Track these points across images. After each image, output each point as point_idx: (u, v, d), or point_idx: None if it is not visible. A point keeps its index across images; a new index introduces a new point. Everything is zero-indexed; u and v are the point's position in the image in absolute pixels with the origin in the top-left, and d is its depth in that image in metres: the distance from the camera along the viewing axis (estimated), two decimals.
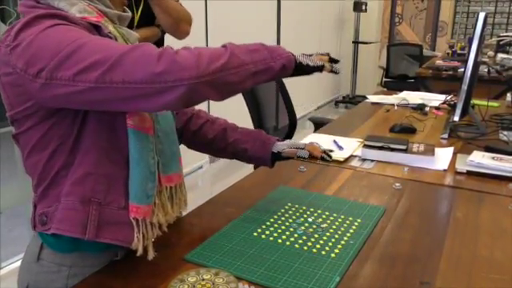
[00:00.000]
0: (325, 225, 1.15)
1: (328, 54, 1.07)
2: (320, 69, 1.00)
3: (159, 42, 1.89)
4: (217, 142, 1.22)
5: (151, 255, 0.95)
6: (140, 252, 0.93)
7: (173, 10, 1.76)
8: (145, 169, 0.93)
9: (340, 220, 1.17)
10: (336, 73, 1.03)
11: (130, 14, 1.03)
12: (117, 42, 0.86)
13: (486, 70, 3.26)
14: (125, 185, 0.92)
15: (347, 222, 1.17)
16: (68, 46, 0.79)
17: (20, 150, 0.96)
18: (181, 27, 1.82)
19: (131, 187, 0.92)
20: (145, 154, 0.93)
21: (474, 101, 2.24)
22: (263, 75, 0.91)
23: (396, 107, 2.48)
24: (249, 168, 2.40)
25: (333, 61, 1.05)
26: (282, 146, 1.20)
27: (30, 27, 0.83)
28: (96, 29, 0.90)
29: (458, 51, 4.93)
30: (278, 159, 1.22)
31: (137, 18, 1.77)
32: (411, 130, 1.99)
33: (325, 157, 1.20)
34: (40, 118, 0.88)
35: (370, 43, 6.66)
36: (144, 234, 0.94)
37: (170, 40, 1.91)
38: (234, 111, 3.22)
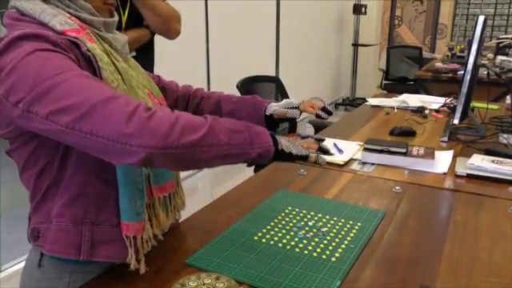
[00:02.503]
0: (325, 229, 1.15)
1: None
2: (304, 158, 0.94)
3: (149, 44, 1.88)
4: (215, 115, 1.20)
5: (142, 270, 0.95)
6: (133, 267, 0.93)
7: (160, 9, 1.74)
8: (132, 188, 0.92)
9: (340, 224, 1.18)
10: (320, 165, 0.97)
11: (116, 18, 1.01)
12: (96, 83, 0.82)
13: (485, 72, 3.26)
14: (116, 203, 0.92)
15: (347, 225, 1.17)
16: (46, 81, 0.78)
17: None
18: (171, 27, 1.80)
19: (120, 206, 0.92)
20: (131, 173, 0.91)
21: (474, 103, 2.24)
22: (235, 159, 0.87)
23: (396, 110, 2.48)
24: (249, 171, 2.40)
25: (321, 140, 1.00)
26: (274, 107, 1.14)
27: (9, 51, 0.81)
28: (75, 45, 0.87)
29: (458, 53, 4.93)
30: (273, 123, 1.16)
31: (124, 19, 1.74)
32: (411, 133, 1.99)
33: (320, 114, 1.09)
34: (26, 139, 0.89)
35: (370, 45, 6.67)
36: (138, 248, 0.94)
37: (166, 41, 1.91)
38: None
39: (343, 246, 1.06)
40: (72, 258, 0.91)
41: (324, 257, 1.02)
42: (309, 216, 1.22)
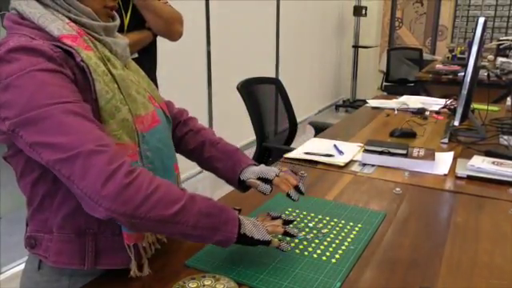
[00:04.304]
0: (325, 230, 1.15)
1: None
2: (266, 244, 0.94)
3: (151, 46, 1.87)
4: (195, 154, 1.19)
5: (146, 272, 0.95)
6: (133, 274, 0.93)
7: (162, 11, 1.74)
8: None
9: (340, 225, 1.18)
10: (282, 250, 0.97)
11: (117, 22, 1.00)
12: (85, 124, 0.81)
13: (485, 74, 3.26)
14: None
15: (348, 227, 1.17)
16: (36, 109, 0.78)
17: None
18: (173, 28, 1.80)
19: None
20: None
21: (474, 105, 2.24)
22: (195, 239, 0.89)
23: (396, 112, 2.48)
24: None
25: (289, 222, 1.01)
26: (249, 173, 1.12)
27: (3, 64, 0.81)
28: (70, 55, 0.87)
29: (458, 55, 4.93)
30: (246, 186, 1.15)
31: (126, 22, 1.74)
32: (411, 135, 1.99)
33: (291, 194, 1.08)
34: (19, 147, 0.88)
35: (370, 47, 6.68)
36: (141, 254, 0.95)
37: (167, 42, 1.91)
38: (235, 114, 3.23)
39: (343, 248, 1.06)
40: (76, 267, 0.91)
41: (324, 258, 1.02)
42: (309, 217, 1.22)
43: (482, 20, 1.84)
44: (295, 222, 1.17)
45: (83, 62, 0.87)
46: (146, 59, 1.81)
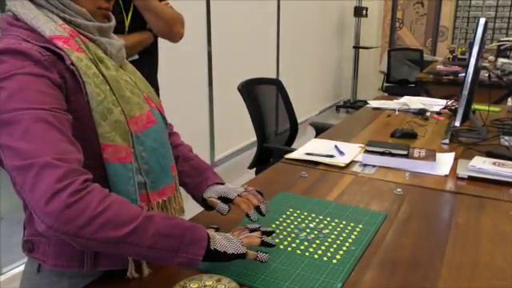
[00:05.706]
0: (326, 230, 1.15)
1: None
2: (242, 257, 0.89)
3: (152, 47, 1.88)
4: None
5: (146, 272, 0.95)
6: (129, 275, 0.93)
7: (162, 12, 1.74)
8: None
9: (342, 226, 1.18)
10: (261, 261, 0.93)
11: (112, 23, 1.00)
12: (51, 134, 0.79)
13: (486, 74, 3.26)
14: None
15: (349, 227, 1.17)
16: (10, 112, 0.78)
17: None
18: (174, 30, 1.80)
19: None
20: (123, 185, 0.91)
21: (475, 106, 2.24)
22: (152, 260, 0.86)
23: (397, 112, 2.48)
24: (250, 174, 2.40)
25: (268, 234, 0.98)
26: (211, 192, 1.11)
27: None
28: (60, 57, 0.86)
29: (459, 56, 4.93)
30: (208, 205, 1.12)
31: (127, 23, 1.74)
32: (412, 135, 1.99)
33: (250, 214, 1.05)
34: None
35: (371, 48, 6.68)
36: None
37: (168, 43, 1.91)
38: (235, 115, 3.23)
39: (344, 248, 1.06)
40: (76, 270, 0.91)
41: (325, 259, 1.02)
42: (310, 218, 1.22)
43: (482, 21, 1.84)
44: (291, 225, 1.18)
45: (73, 65, 0.87)
46: (147, 60, 1.81)
